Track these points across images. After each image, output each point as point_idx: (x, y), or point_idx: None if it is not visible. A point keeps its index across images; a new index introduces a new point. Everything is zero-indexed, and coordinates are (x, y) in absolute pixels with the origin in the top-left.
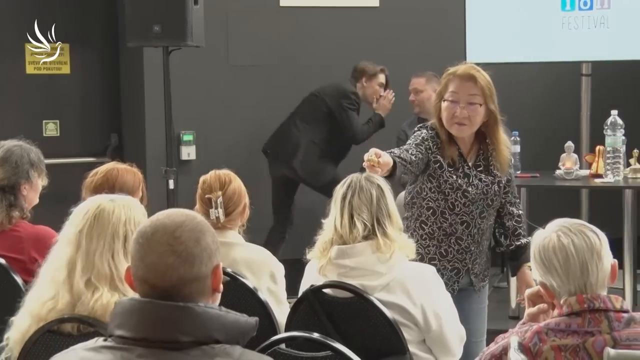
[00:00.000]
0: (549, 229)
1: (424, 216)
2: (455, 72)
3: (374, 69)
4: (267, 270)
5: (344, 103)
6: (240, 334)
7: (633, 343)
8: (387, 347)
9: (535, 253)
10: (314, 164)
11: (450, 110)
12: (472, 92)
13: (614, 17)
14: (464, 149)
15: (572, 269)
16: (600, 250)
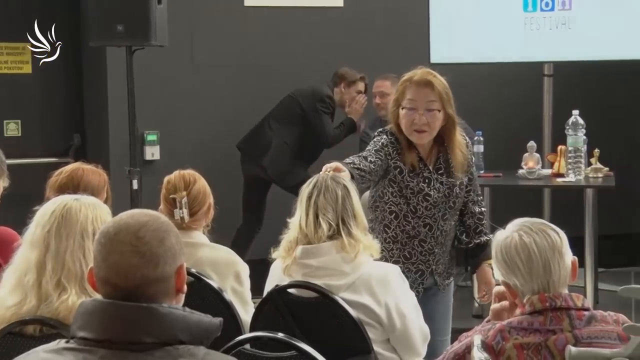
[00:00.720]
0: (509, 228)
1: (386, 220)
2: (411, 79)
3: (354, 76)
4: (231, 270)
5: (319, 106)
6: (205, 335)
7: (594, 341)
8: (352, 346)
9: (498, 253)
10: (284, 164)
11: (409, 118)
12: (430, 99)
13: (575, 18)
14: (424, 154)
15: (535, 268)
16: (561, 248)
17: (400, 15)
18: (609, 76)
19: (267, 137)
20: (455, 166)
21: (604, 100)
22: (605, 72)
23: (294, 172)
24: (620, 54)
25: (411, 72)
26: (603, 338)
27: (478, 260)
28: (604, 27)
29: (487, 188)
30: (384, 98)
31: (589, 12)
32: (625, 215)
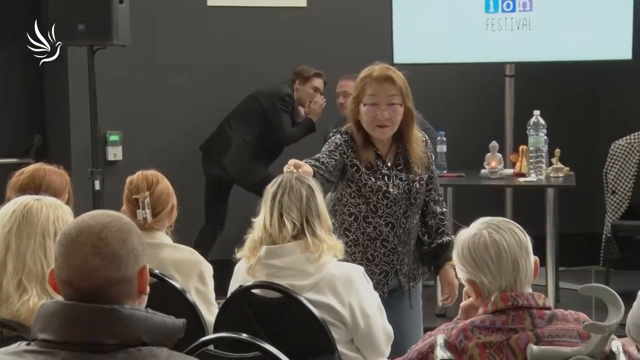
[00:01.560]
0: (475, 226)
1: (346, 223)
2: (371, 75)
3: (309, 72)
4: (195, 271)
5: (278, 104)
6: (168, 336)
7: (555, 339)
8: (316, 346)
9: (464, 250)
10: (244, 163)
11: (370, 114)
12: (391, 93)
13: (536, 19)
14: (383, 150)
15: (504, 265)
16: (527, 247)
17: (364, 16)
18: (570, 77)
19: (228, 136)
20: (414, 161)
21: (565, 100)
22: (566, 73)
23: (253, 170)
24: (580, 55)
25: (369, 69)
26: (564, 337)
27: (440, 261)
28: (564, 28)
29: (450, 188)
30: (347, 98)
31: (550, 13)
32: (585, 214)
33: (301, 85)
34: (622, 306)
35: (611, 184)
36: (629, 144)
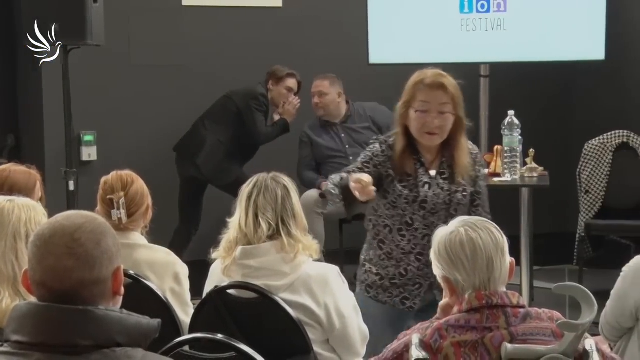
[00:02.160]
0: (453, 224)
1: (381, 235)
2: (423, 81)
3: (282, 72)
4: (170, 271)
5: (252, 104)
6: (142, 337)
7: (529, 338)
8: (292, 347)
9: (441, 247)
10: (218, 162)
11: (420, 121)
12: (443, 101)
13: (510, 20)
14: (429, 157)
15: (479, 263)
16: (503, 247)
17: (339, 16)
18: (544, 77)
19: (202, 136)
20: (458, 171)
21: (539, 100)
22: (540, 73)
23: (228, 170)
24: (554, 56)
25: (421, 73)
26: (538, 335)
27: None
28: (538, 29)
29: None
30: (322, 98)
31: (524, 14)
32: (559, 214)
33: (275, 86)
34: (595, 305)
35: (584, 183)
36: (602, 144)
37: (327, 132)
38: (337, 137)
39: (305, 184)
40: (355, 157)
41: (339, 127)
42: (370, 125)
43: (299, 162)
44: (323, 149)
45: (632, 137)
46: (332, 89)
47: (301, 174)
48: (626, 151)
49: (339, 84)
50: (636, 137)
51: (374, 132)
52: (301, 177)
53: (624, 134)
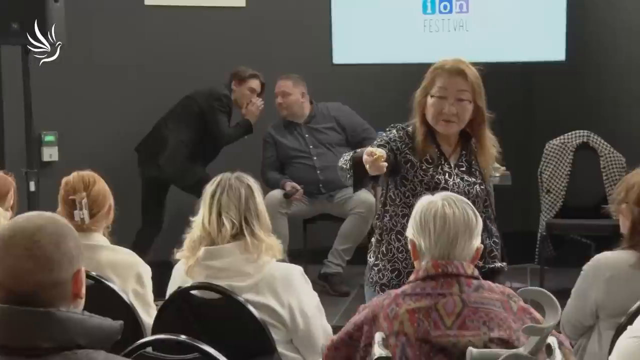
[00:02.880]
0: (437, 196)
1: (399, 226)
2: (443, 67)
3: (245, 73)
4: (133, 272)
5: (215, 105)
6: (104, 338)
7: (480, 306)
8: (256, 347)
9: (417, 212)
10: (181, 163)
11: (437, 107)
12: (462, 88)
13: (472, 21)
14: (447, 148)
15: (443, 237)
16: (473, 229)
17: (303, 16)
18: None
19: (164, 137)
20: (482, 162)
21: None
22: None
23: (190, 171)
24: (515, 56)
25: (442, 60)
26: (489, 304)
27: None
28: (499, 30)
29: None
30: (286, 98)
31: (485, 15)
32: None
33: (238, 87)
34: (559, 309)
35: (546, 183)
36: (563, 144)
37: (290, 133)
38: (301, 138)
39: (269, 184)
40: (320, 157)
41: (302, 127)
42: (334, 125)
43: (263, 163)
44: (287, 149)
45: (592, 137)
46: (295, 89)
47: (265, 174)
48: (586, 151)
49: (302, 84)
50: (596, 137)
51: (338, 132)
52: (265, 178)
53: (584, 134)
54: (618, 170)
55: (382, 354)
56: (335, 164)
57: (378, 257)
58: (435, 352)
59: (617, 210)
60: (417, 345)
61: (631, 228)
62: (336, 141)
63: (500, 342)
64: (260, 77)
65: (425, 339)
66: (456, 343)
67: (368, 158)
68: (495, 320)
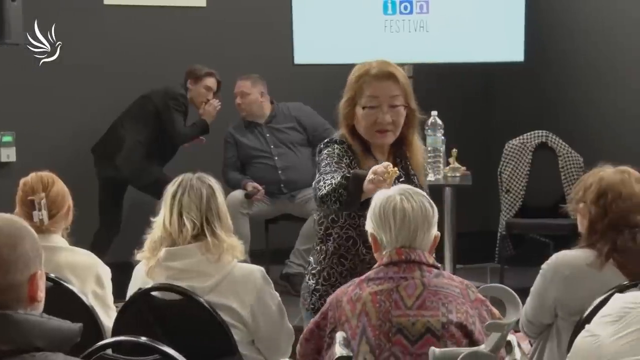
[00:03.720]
0: (393, 190)
1: (342, 249)
2: (369, 72)
3: (200, 71)
4: (92, 273)
5: (171, 104)
6: (63, 341)
7: (440, 289)
8: (217, 348)
9: (376, 207)
10: (138, 163)
11: (370, 118)
12: (394, 93)
13: (432, 22)
14: (381, 158)
15: (404, 230)
16: (431, 220)
17: (264, 16)
18: (465, 78)
19: (120, 137)
20: (416, 171)
21: (461, 101)
22: (462, 74)
23: (148, 171)
24: (475, 57)
25: (365, 65)
26: (448, 289)
27: None
28: (459, 31)
29: None
30: (244, 98)
31: (445, 15)
32: (481, 213)
33: (193, 85)
34: (520, 305)
35: (505, 183)
36: (522, 144)
37: (251, 132)
38: (261, 137)
39: (230, 184)
40: (281, 157)
41: (263, 127)
42: (295, 125)
43: (224, 163)
44: (248, 149)
45: (550, 137)
46: (253, 89)
47: (226, 174)
48: (545, 151)
49: (261, 83)
50: (554, 137)
51: (299, 132)
52: (226, 178)
53: (542, 134)
54: (576, 170)
55: (342, 354)
56: (297, 163)
57: (319, 282)
58: (395, 332)
59: (575, 210)
60: (377, 324)
61: (589, 227)
62: (297, 141)
63: (457, 326)
64: (216, 75)
65: (386, 318)
66: (415, 322)
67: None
68: (454, 303)
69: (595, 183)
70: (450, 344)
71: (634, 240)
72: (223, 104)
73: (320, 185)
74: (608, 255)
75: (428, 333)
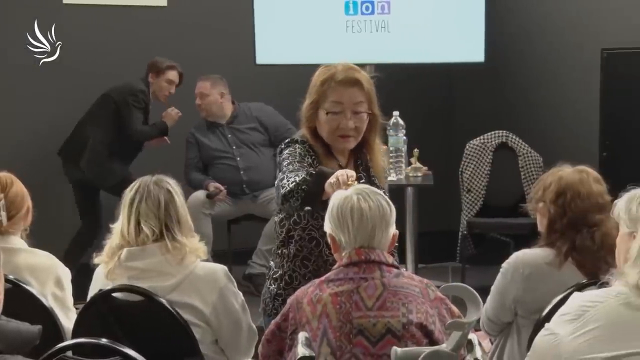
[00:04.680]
0: (350, 190)
1: (305, 250)
2: (334, 77)
3: (162, 64)
4: (51, 275)
5: (130, 100)
6: (22, 343)
7: (400, 289)
8: (179, 349)
9: (334, 208)
10: (102, 164)
11: (333, 123)
12: (358, 100)
13: (394, 22)
14: (343, 160)
15: (362, 230)
16: (388, 219)
17: (226, 16)
18: (427, 78)
19: (84, 137)
20: (377, 173)
21: (422, 101)
22: (424, 74)
23: (112, 171)
24: (436, 57)
25: (330, 68)
26: (408, 289)
27: None
28: (420, 31)
29: None
30: (204, 99)
31: (407, 16)
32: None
33: (155, 79)
34: (481, 304)
35: (466, 182)
36: (483, 144)
37: (213, 133)
38: (223, 138)
39: (192, 185)
40: (243, 157)
41: (225, 127)
42: (256, 125)
43: (186, 164)
44: (209, 150)
45: (510, 137)
46: (213, 90)
47: (188, 175)
48: (505, 151)
49: (222, 84)
50: (514, 137)
51: (261, 132)
52: (188, 179)
53: (503, 134)
54: (536, 170)
55: (305, 354)
56: (259, 164)
57: (281, 287)
58: (355, 333)
59: (535, 209)
60: (338, 326)
61: (548, 226)
62: (259, 141)
63: (418, 327)
64: (178, 67)
65: (347, 320)
66: (376, 323)
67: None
68: (414, 303)
69: (555, 183)
70: (410, 344)
71: (592, 239)
72: (185, 104)
73: (283, 183)
74: (567, 254)
75: (389, 334)
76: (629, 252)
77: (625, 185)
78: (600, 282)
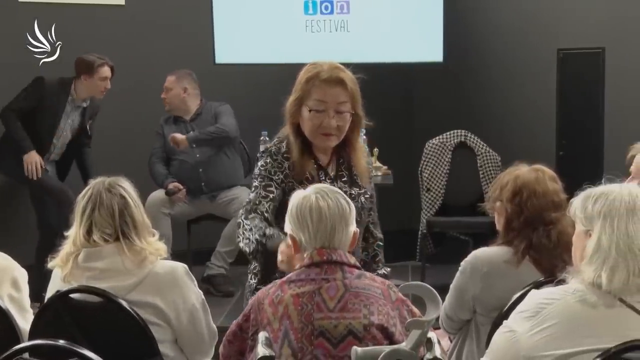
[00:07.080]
0: (308, 190)
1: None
2: (319, 76)
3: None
4: (8, 276)
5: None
6: None
7: (361, 291)
8: (139, 349)
9: (293, 209)
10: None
11: (315, 121)
12: (341, 100)
13: (353, 22)
14: (324, 159)
15: (322, 228)
16: (348, 218)
17: (185, 16)
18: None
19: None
20: (359, 173)
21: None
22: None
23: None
24: (395, 57)
25: (316, 66)
26: (370, 290)
27: None
28: (379, 31)
29: None
30: (167, 92)
31: (366, 16)
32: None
33: (89, 79)
34: (440, 302)
35: (426, 181)
36: (442, 143)
37: (177, 127)
38: (185, 133)
39: (153, 176)
40: (202, 155)
41: (188, 124)
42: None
43: (151, 153)
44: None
45: (469, 137)
46: (176, 84)
47: (152, 165)
48: (464, 150)
49: (188, 79)
50: (473, 137)
51: None
52: (151, 169)
53: (461, 133)
54: (494, 169)
55: (265, 354)
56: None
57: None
58: (317, 334)
59: (492, 208)
60: (299, 327)
61: (505, 225)
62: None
63: (379, 328)
64: (108, 61)
65: (308, 321)
66: (337, 325)
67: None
68: (375, 305)
69: (511, 182)
70: (371, 345)
71: (548, 237)
72: (151, 99)
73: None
74: (524, 252)
75: (350, 335)
76: (585, 250)
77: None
78: (557, 279)
